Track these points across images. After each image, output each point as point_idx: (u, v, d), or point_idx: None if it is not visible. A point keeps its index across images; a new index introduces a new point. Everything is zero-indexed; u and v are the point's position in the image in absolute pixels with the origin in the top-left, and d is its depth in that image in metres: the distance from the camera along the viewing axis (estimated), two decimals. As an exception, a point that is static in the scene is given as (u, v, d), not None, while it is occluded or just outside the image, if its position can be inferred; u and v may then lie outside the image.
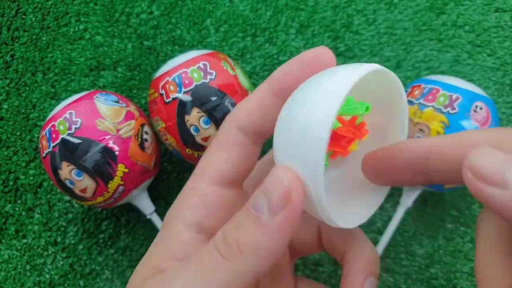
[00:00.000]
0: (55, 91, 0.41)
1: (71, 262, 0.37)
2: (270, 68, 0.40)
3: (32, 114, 0.41)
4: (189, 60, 0.32)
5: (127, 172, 0.32)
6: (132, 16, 0.42)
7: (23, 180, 0.39)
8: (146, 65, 0.41)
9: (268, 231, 0.16)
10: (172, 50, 0.41)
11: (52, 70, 0.41)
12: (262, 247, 0.16)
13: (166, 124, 0.33)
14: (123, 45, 0.41)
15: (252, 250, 0.16)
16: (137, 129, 0.33)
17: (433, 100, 0.31)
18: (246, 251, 0.16)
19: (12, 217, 0.39)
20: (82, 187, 0.31)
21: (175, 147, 0.34)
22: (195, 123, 0.32)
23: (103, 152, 0.31)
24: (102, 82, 0.41)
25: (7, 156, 0.40)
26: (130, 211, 0.38)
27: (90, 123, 0.31)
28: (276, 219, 0.16)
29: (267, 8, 0.41)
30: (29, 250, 0.38)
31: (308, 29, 0.41)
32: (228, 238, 0.16)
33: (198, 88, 0.31)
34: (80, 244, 0.38)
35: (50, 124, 0.32)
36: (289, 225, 0.16)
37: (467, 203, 0.37)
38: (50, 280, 0.37)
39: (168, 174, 0.39)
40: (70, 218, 0.38)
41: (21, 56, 0.42)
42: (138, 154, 0.32)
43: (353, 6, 0.41)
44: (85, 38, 0.42)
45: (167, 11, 0.42)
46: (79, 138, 0.31)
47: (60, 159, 0.31)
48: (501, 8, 0.40)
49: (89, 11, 0.42)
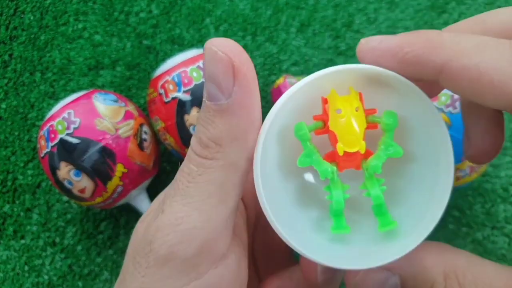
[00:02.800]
0: (53, 90, 0.41)
1: (69, 263, 0.37)
2: (270, 67, 0.40)
3: (31, 113, 0.40)
4: (189, 59, 0.32)
5: (126, 172, 0.31)
6: (131, 15, 0.42)
7: (21, 180, 0.39)
8: (145, 64, 0.41)
9: (233, 113, 0.15)
10: (171, 49, 0.41)
11: (50, 69, 0.41)
12: (235, 130, 0.15)
13: (165, 123, 0.32)
14: (122, 44, 0.41)
15: (228, 137, 0.15)
16: (136, 128, 0.32)
17: (434, 100, 0.31)
18: (224, 142, 0.15)
19: (11, 218, 0.38)
20: (80, 187, 0.31)
21: (174, 147, 0.33)
22: (194, 123, 0.31)
23: (101, 152, 0.30)
24: (101, 82, 0.40)
25: (5, 156, 0.40)
26: (129, 212, 0.38)
27: (89, 123, 0.31)
28: (235, 97, 0.15)
29: (267, 7, 0.41)
30: (27, 250, 0.38)
31: (308, 28, 0.41)
32: (202, 139, 0.16)
33: (198, 87, 0.31)
34: (79, 245, 0.38)
35: (48, 124, 0.31)
36: (250, 96, 0.15)
37: (469, 204, 0.36)
38: (49, 281, 0.37)
39: (167, 174, 0.39)
40: (69, 218, 0.38)
41: (20, 55, 0.42)
42: (137, 154, 0.32)
43: (354, 5, 0.41)
44: (84, 37, 0.42)
45: (167, 10, 0.42)
46: (78, 138, 0.30)
47: (58, 159, 0.31)
48: (502, 7, 0.40)
49: (88, 10, 0.42)
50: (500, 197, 0.37)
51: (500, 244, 0.36)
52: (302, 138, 0.17)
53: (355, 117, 0.16)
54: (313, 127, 0.17)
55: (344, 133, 0.16)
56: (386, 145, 0.17)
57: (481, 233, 0.36)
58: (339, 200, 0.17)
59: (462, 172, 0.31)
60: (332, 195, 0.17)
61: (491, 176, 0.37)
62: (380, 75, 0.16)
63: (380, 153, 0.17)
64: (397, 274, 0.17)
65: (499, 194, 0.37)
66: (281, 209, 0.17)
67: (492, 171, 0.37)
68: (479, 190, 0.37)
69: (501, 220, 0.36)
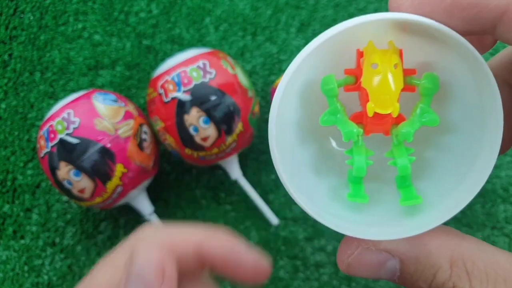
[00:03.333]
0: (53, 90, 0.41)
1: (69, 263, 0.37)
2: (270, 67, 0.40)
3: (30, 113, 0.40)
4: (188, 59, 0.32)
5: (125, 172, 0.31)
6: (131, 15, 0.42)
7: (21, 180, 0.39)
8: (145, 64, 0.41)
9: None
10: (171, 49, 0.41)
11: (50, 69, 0.41)
12: None
13: (165, 123, 0.32)
14: (122, 44, 0.41)
15: None
16: (136, 129, 0.32)
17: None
18: None
19: (10, 218, 0.38)
20: (80, 187, 0.31)
21: (174, 147, 0.33)
22: (194, 123, 0.31)
23: (101, 152, 0.30)
24: (101, 82, 0.40)
25: (5, 156, 0.40)
26: (129, 212, 0.38)
27: (88, 123, 0.31)
28: None
29: (267, 7, 0.41)
30: (27, 251, 0.38)
31: (308, 28, 0.41)
32: None
33: (198, 87, 0.31)
34: (79, 245, 0.37)
35: (48, 124, 0.31)
36: None
37: (469, 204, 0.36)
38: (49, 281, 0.37)
39: (167, 175, 0.39)
40: (68, 218, 0.38)
41: (19, 55, 0.42)
42: (137, 154, 0.32)
43: (354, 5, 0.41)
44: (83, 37, 0.41)
45: (166, 9, 0.42)
46: (77, 138, 0.30)
47: (58, 159, 0.31)
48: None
49: (88, 10, 0.42)
50: (500, 197, 0.37)
51: (500, 244, 0.36)
52: (329, 94, 0.15)
53: (393, 75, 0.14)
54: (343, 82, 0.15)
55: (377, 91, 0.14)
56: (422, 111, 0.15)
57: (481, 233, 0.36)
58: (361, 166, 0.15)
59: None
60: (354, 160, 0.15)
61: (491, 176, 0.37)
62: (427, 28, 0.14)
63: (414, 119, 0.15)
64: (397, 257, 0.15)
65: (499, 194, 0.37)
66: (297, 175, 0.16)
67: (493, 171, 0.37)
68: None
69: (501, 220, 0.36)
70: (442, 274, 0.14)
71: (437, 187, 0.16)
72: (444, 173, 0.16)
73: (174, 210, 0.38)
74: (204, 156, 0.33)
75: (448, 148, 0.16)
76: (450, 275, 0.14)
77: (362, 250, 0.15)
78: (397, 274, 0.15)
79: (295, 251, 0.37)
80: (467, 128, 0.16)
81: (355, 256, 0.15)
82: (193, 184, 0.38)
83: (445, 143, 0.16)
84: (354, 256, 0.16)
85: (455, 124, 0.16)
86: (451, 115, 0.16)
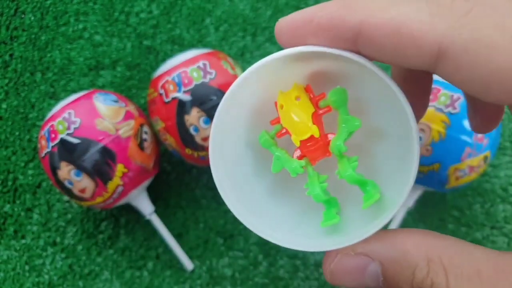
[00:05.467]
0: (54, 90, 0.41)
1: (70, 262, 0.37)
2: (270, 68, 0.40)
3: (31, 114, 0.40)
4: (189, 60, 0.32)
5: (126, 172, 0.31)
6: (131, 15, 0.42)
7: (22, 180, 0.39)
8: (146, 65, 0.41)
9: None
10: (171, 49, 0.41)
11: (51, 69, 0.41)
12: None
13: (165, 124, 0.32)
14: (123, 45, 0.41)
15: None
16: (136, 129, 0.33)
17: (434, 100, 0.31)
18: None
19: (11, 218, 0.39)
20: (81, 187, 0.31)
21: (174, 147, 0.33)
22: (194, 123, 0.32)
23: (102, 152, 0.31)
24: (101, 82, 0.41)
25: (6, 156, 0.40)
26: (130, 212, 0.38)
27: (89, 123, 0.31)
28: None
29: (267, 7, 0.41)
30: (28, 250, 0.38)
31: (308, 29, 0.41)
32: None
33: (198, 87, 0.31)
34: (79, 245, 0.38)
35: (49, 124, 0.31)
36: None
37: (468, 204, 0.36)
38: (49, 281, 0.37)
39: (167, 175, 0.39)
40: (69, 218, 0.38)
41: (20, 55, 0.42)
42: (137, 154, 0.32)
43: (354, 5, 0.41)
44: (84, 38, 0.42)
45: (167, 10, 0.42)
46: (78, 138, 0.30)
47: (59, 159, 0.31)
48: None
49: (88, 10, 0.42)
50: (499, 197, 0.37)
51: (499, 244, 0.36)
52: (267, 145, 0.17)
53: (296, 106, 0.16)
54: (274, 131, 0.17)
55: (291, 124, 0.17)
56: (342, 120, 0.16)
57: (480, 233, 0.36)
58: (317, 193, 0.17)
59: (462, 172, 0.31)
60: (309, 190, 0.17)
61: (491, 176, 0.37)
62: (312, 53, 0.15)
63: (340, 131, 0.17)
64: (376, 260, 0.16)
65: (498, 194, 0.37)
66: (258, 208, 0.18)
67: (492, 171, 0.37)
68: (478, 190, 0.37)
69: (500, 220, 0.36)
70: (420, 271, 0.15)
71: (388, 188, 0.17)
72: (386, 176, 0.18)
73: (174, 210, 0.38)
74: (205, 156, 0.33)
75: (385, 153, 0.18)
76: (428, 272, 0.15)
77: (342, 256, 0.16)
78: (381, 279, 0.15)
79: (295, 251, 0.37)
80: (392, 134, 0.17)
81: (336, 263, 0.16)
82: (193, 184, 0.38)
83: (382, 149, 0.18)
84: (334, 263, 0.16)
85: (384, 131, 0.18)
86: (379, 123, 0.18)
